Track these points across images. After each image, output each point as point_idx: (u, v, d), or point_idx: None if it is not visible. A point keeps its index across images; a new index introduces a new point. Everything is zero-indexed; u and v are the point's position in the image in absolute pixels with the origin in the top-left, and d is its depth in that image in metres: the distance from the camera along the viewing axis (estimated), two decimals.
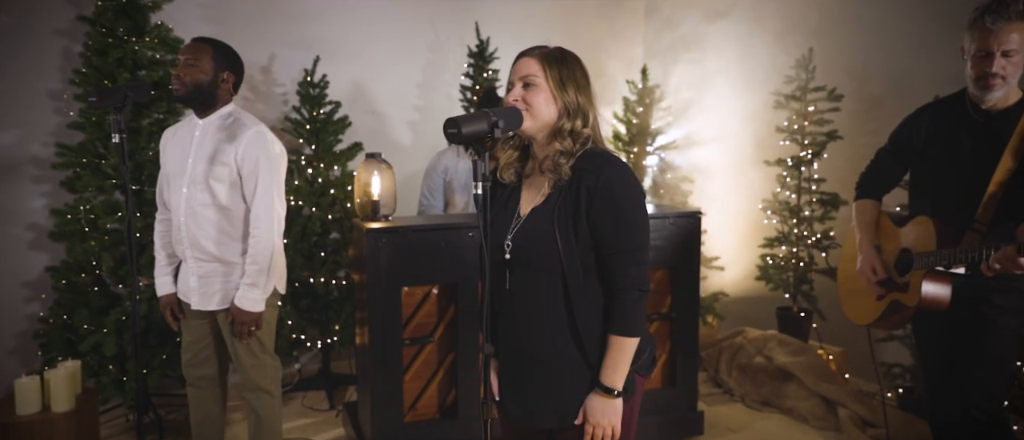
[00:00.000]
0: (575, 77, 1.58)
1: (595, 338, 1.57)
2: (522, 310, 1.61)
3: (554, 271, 1.54)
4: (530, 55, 1.59)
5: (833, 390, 3.48)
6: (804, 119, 3.89)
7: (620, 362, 1.55)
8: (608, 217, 1.52)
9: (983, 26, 2.04)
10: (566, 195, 1.54)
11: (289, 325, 3.70)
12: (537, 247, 1.55)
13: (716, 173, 4.50)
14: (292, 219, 3.71)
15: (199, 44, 2.39)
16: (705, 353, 4.16)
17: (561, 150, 1.55)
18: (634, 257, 1.54)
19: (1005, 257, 1.90)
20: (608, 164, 1.54)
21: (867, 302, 2.46)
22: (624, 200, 1.52)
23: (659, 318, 3.25)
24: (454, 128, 1.38)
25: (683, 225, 3.21)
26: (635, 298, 1.54)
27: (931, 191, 2.30)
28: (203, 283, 2.41)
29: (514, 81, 1.58)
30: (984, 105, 2.14)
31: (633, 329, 1.55)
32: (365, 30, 4.21)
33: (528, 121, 1.55)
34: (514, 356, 1.66)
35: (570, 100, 1.56)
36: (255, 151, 2.35)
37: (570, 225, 1.53)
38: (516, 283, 1.61)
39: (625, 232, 1.52)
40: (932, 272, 2.17)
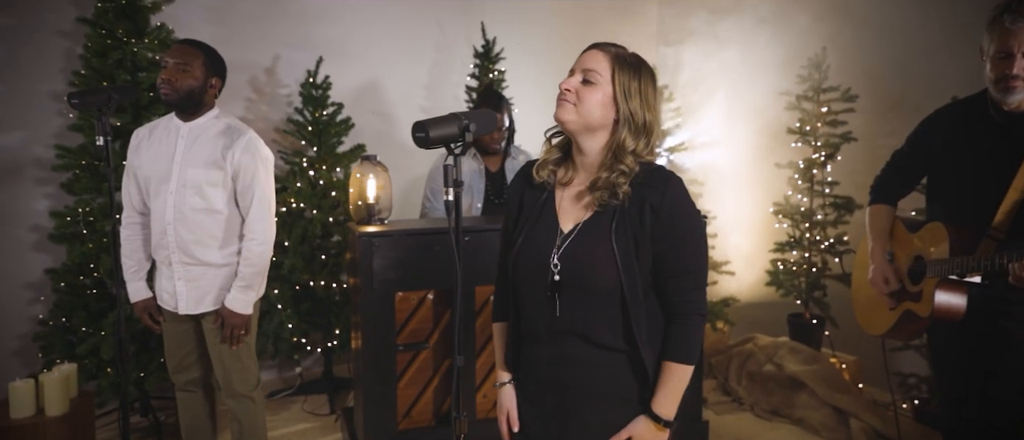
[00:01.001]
0: (645, 92, 1.45)
1: (654, 369, 1.45)
2: (572, 338, 1.47)
3: (613, 295, 1.41)
4: (602, 50, 1.46)
5: (846, 400, 3.36)
6: (817, 120, 3.78)
7: (676, 390, 1.44)
8: (673, 239, 1.41)
9: (1003, 26, 1.93)
10: (625, 213, 1.42)
11: (290, 329, 3.67)
12: (594, 269, 1.42)
13: (727, 175, 4.39)
14: (293, 222, 3.69)
15: (190, 49, 2.36)
16: (715, 360, 4.06)
17: (623, 169, 1.41)
18: (697, 281, 1.45)
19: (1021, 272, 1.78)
20: (670, 181, 1.43)
21: (880, 312, 2.36)
22: (689, 221, 1.43)
23: None
24: (421, 132, 1.32)
25: None
26: (696, 323, 1.44)
27: (947, 196, 2.20)
28: (192, 287, 2.38)
29: (575, 70, 1.46)
30: (1006, 107, 2.03)
31: (692, 355, 1.44)
32: (371, 30, 4.18)
33: (570, 114, 1.43)
34: (554, 387, 1.50)
35: (636, 114, 1.42)
36: (251, 158, 2.35)
37: (632, 246, 1.40)
38: (565, 307, 1.46)
39: (690, 255, 1.43)
40: (946, 281, 2.07)
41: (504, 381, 1.61)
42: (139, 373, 3.16)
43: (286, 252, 3.67)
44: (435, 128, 1.33)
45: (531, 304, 1.49)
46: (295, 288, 3.71)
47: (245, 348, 2.45)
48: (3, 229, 3.44)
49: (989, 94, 2.08)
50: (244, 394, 2.47)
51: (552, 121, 1.50)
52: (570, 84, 1.45)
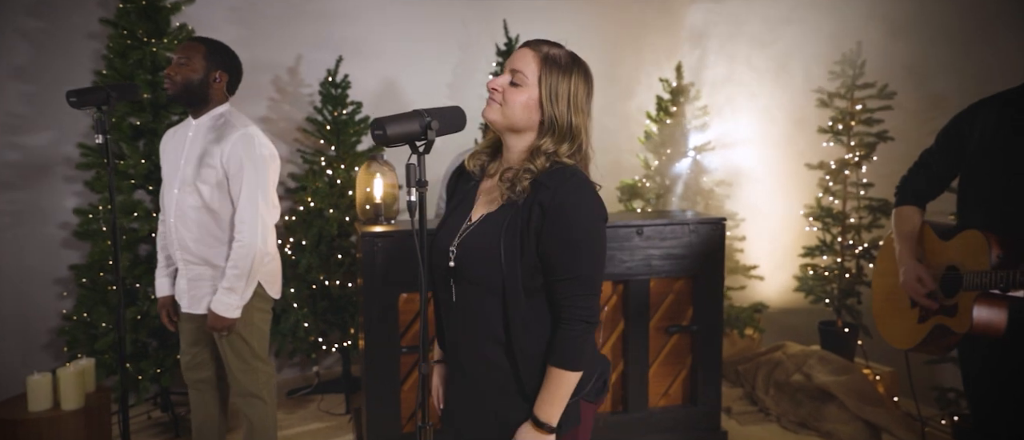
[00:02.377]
0: (574, 94, 1.41)
1: (534, 365, 1.43)
2: (462, 325, 1.48)
3: (495, 290, 1.41)
4: (533, 49, 1.43)
5: (878, 414, 3.18)
6: (851, 119, 3.59)
7: (557, 396, 1.42)
8: (558, 241, 1.37)
9: None
10: (518, 210, 1.40)
11: (306, 328, 3.69)
12: (479, 261, 1.42)
13: (756, 176, 4.22)
14: (310, 221, 3.71)
15: (192, 43, 2.37)
16: (742, 368, 3.90)
17: (531, 168, 1.40)
18: (583, 287, 1.39)
19: None
20: (568, 181, 1.38)
21: (907, 325, 2.18)
22: (577, 224, 1.36)
23: (679, 331, 3.05)
24: (379, 130, 1.27)
25: (705, 233, 3.00)
26: (579, 331, 1.40)
27: (985, 200, 2.00)
28: (193, 286, 2.39)
29: (506, 69, 1.45)
30: None
31: (575, 363, 1.40)
32: (395, 30, 4.17)
33: (495, 114, 1.42)
34: (457, 371, 1.55)
35: (560, 117, 1.40)
36: (240, 152, 2.31)
37: (518, 243, 1.38)
38: (460, 295, 1.47)
39: (575, 259, 1.37)
40: (986, 295, 1.89)
41: (435, 360, 1.65)
42: (156, 369, 3.21)
43: (303, 251, 3.69)
44: (394, 125, 1.28)
45: (439, 288, 1.52)
46: (312, 287, 3.72)
47: (249, 349, 2.45)
48: (35, 226, 3.55)
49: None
50: (252, 393, 2.47)
51: None
52: (498, 83, 1.43)
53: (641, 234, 2.94)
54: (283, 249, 3.82)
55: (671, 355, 3.08)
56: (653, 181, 4.07)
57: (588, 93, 1.45)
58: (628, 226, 2.93)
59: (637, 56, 4.50)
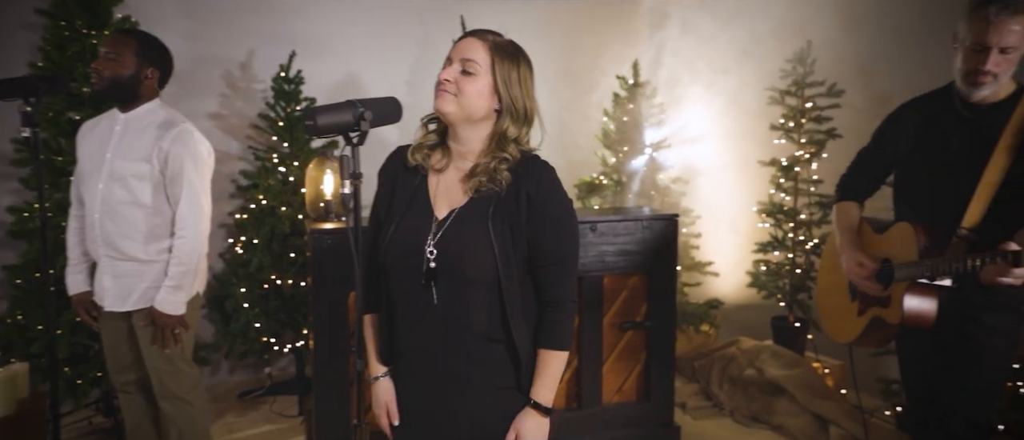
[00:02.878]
0: (524, 80, 1.45)
1: (529, 354, 1.47)
2: (445, 329, 1.44)
3: (489, 284, 1.41)
4: (480, 38, 1.44)
5: (826, 407, 3.23)
6: (801, 116, 3.65)
7: (554, 377, 1.47)
8: (548, 227, 1.43)
9: (985, 18, 1.80)
10: (502, 201, 1.42)
11: (258, 328, 3.60)
12: (470, 257, 1.40)
13: (712, 174, 4.26)
14: (262, 219, 3.63)
15: (122, 37, 2.30)
16: (698, 364, 3.94)
17: (506, 157, 1.42)
18: (569, 269, 1.47)
19: (999, 272, 1.66)
20: (545, 171, 1.45)
21: (848, 318, 2.24)
22: (561, 207, 1.46)
23: (633, 327, 3.05)
24: (310, 120, 1.24)
25: (659, 229, 3.02)
26: (570, 311, 1.47)
27: (915, 195, 2.08)
28: (118, 283, 2.31)
29: (453, 59, 1.43)
30: (972, 100, 1.91)
31: (565, 341, 1.47)
32: (351, 26, 4.10)
33: (451, 105, 1.41)
34: (431, 378, 1.49)
35: (517, 102, 1.43)
36: (181, 149, 2.25)
37: (509, 234, 1.41)
38: (443, 297, 1.43)
39: (563, 243, 1.45)
40: (915, 285, 1.94)
41: (379, 375, 1.57)
42: (97, 372, 3.10)
43: (255, 250, 3.60)
44: (325, 115, 1.24)
45: (405, 293, 1.46)
46: (263, 287, 3.64)
47: (178, 350, 2.37)
48: None
49: (956, 87, 1.96)
50: (179, 397, 2.39)
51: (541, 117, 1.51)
52: (449, 74, 1.41)
53: (595, 230, 2.94)
54: (234, 248, 3.74)
55: (625, 351, 3.09)
56: (610, 178, 4.08)
57: (532, 82, 1.48)
58: (582, 222, 2.92)
59: (595, 53, 4.50)
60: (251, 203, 3.67)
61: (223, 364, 3.98)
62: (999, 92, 1.90)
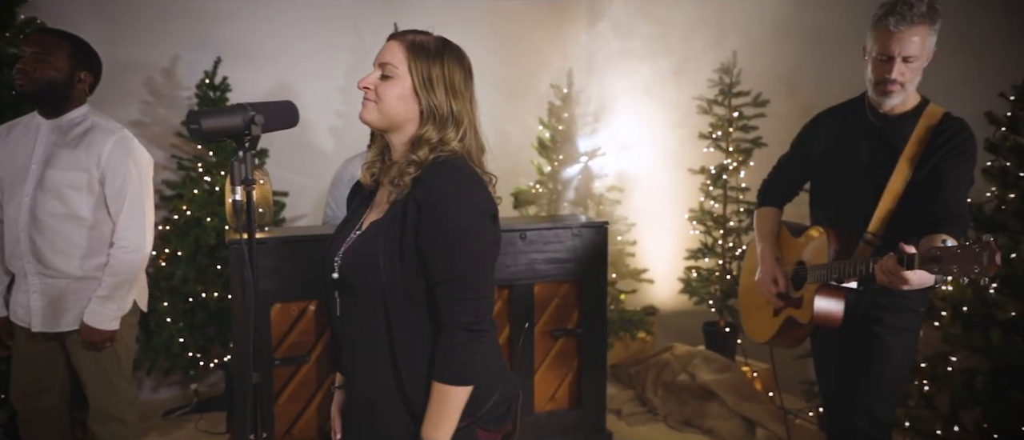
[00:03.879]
0: (450, 78, 1.35)
1: (422, 382, 1.33)
2: (348, 340, 1.40)
3: (377, 299, 1.32)
4: (398, 39, 1.37)
5: (754, 409, 3.30)
6: (729, 125, 3.74)
7: (444, 414, 1.30)
8: (436, 238, 1.28)
9: (886, 28, 1.88)
10: (399, 211, 1.33)
11: (182, 343, 3.48)
12: (360, 269, 1.33)
13: (646, 182, 4.33)
14: (187, 230, 3.51)
15: (53, 38, 2.18)
16: (634, 371, 3.98)
17: (414, 160, 1.33)
18: (465, 290, 1.29)
19: (885, 269, 1.72)
20: (446, 174, 1.30)
21: (764, 318, 2.30)
22: (455, 220, 1.28)
23: (564, 334, 3.06)
24: (194, 123, 1.19)
25: (589, 237, 3.03)
26: (462, 340, 1.29)
27: (828, 200, 2.17)
28: (50, 302, 2.17)
29: (374, 65, 1.37)
30: (882, 110, 1.99)
31: (459, 376, 1.30)
32: (281, 31, 4.01)
33: (372, 114, 1.35)
34: (351, 394, 1.45)
35: (438, 104, 1.33)
36: (122, 158, 2.16)
37: (397, 245, 1.30)
38: (344, 308, 1.39)
39: (454, 258, 1.28)
40: (825, 287, 2.02)
41: (337, 385, 1.54)
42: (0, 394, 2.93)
43: (179, 262, 3.48)
44: (211, 119, 1.20)
45: (327, 303, 1.44)
46: (188, 300, 3.51)
47: (116, 366, 2.26)
48: None
49: (867, 96, 2.04)
50: (116, 417, 2.27)
51: None
52: (368, 81, 1.36)
53: (524, 239, 2.94)
54: (157, 261, 3.60)
55: (557, 359, 3.09)
56: (546, 186, 4.10)
57: (465, 77, 1.38)
58: (511, 230, 2.92)
59: (532, 62, 4.53)
60: (175, 214, 3.55)
61: (147, 381, 3.83)
62: (906, 102, 1.98)
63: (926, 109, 1.96)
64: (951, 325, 2.48)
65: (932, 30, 1.87)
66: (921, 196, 1.90)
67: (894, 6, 1.87)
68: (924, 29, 1.85)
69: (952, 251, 1.55)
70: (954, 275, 1.54)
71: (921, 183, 1.91)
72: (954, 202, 1.85)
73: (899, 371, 2.01)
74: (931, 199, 1.87)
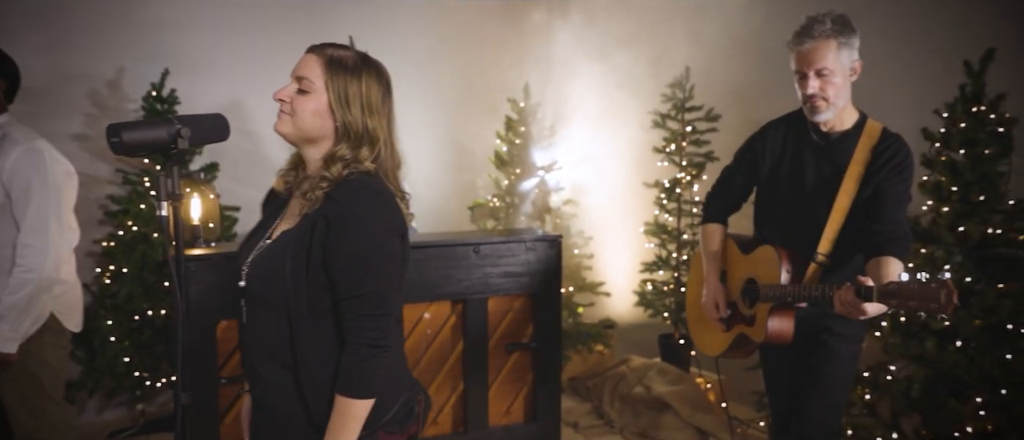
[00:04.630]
0: (367, 96, 1.35)
1: (324, 394, 1.35)
2: (254, 350, 1.41)
3: (281, 310, 1.33)
4: (316, 53, 1.37)
5: (707, 420, 3.34)
6: (682, 139, 3.80)
7: (345, 427, 1.32)
8: (344, 255, 1.30)
9: (796, 47, 1.96)
10: (308, 225, 1.34)
11: (128, 363, 3.37)
12: (267, 280, 1.35)
13: (603, 195, 4.37)
14: (133, 247, 3.42)
15: None
16: (591, 383, 3.99)
17: (327, 176, 1.33)
18: (370, 307, 1.31)
19: (845, 301, 1.74)
20: (356, 192, 1.32)
21: (715, 333, 2.32)
22: (363, 237, 1.30)
23: (519, 349, 3.05)
24: (114, 136, 1.16)
25: (543, 251, 3.03)
26: (364, 356, 1.31)
27: (777, 219, 2.18)
28: None
29: (291, 77, 1.37)
30: (823, 128, 2.03)
31: (361, 389, 1.32)
32: (234, 43, 3.95)
33: (286, 126, 1.35)
34: (256, 397, 1.46)
35: (353, 122, 1.34)
36: (26, 170, 2.08)
37: (304, 258, 1.31)
38: (250, 317, 1.40)
39: (360, 276, 1.30)
40: (778, 307, 2.03)
41: (244, 389, 1.54)
42: None
43: (124, 279, 3.39)
44: (133, 132, 1.17)
45: (238, 312, 1.43)
46: (133, 318, 3.41)
47: (37, 389, 2.17)
48: None
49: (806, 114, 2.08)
50: None
51: (431, 140, 1.44)
52: (284, 93, 1.36)
53: (478, 253, 2.93)
54: (101, 278, 3.49)
55: (512, 373, 3.08)
56: (503, 201, 4.10)
57: (383, 94, 1.39)
58: (464, 244, 2.90)
59: (489, 75, 4.54)
60: (120, 230, 3.46)
61: (91, 403, 3.69)
62: (844, 120, 2.02)
63: (866, 126, 2.00)
64: (891, 335, 2.55)
65: (841, 44, 1.91)
66: (865, 215, 1.94)
67: (801, 25, 1.95)
68: (831, 43, 1.90)
69: (910, 287, 1.57)
70: (911, 309, 1.57)
71: (865, 202, 1.94)
72: (897, 222, 1.89)
73: (847, 378, 2.05)
74: (876, 219, 1.90)
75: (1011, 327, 2.36)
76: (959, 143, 2.50)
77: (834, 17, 1.91)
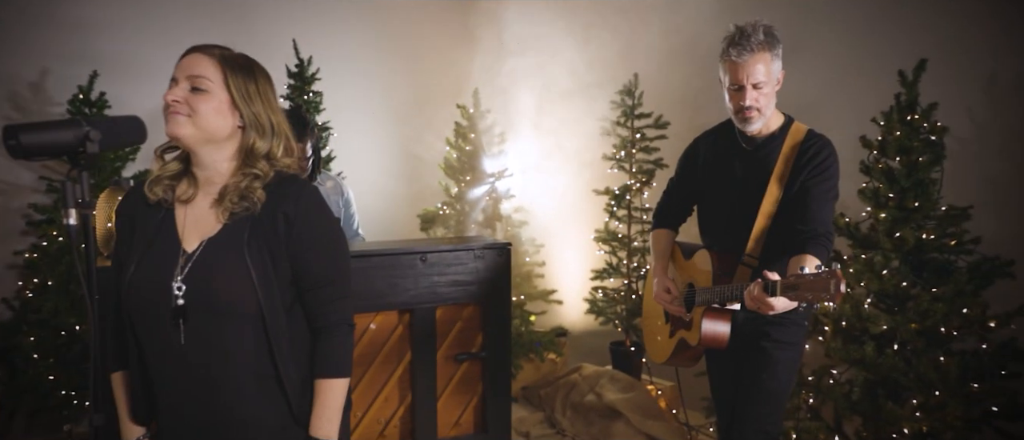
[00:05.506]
0: (264, 93, 1.37)
1: (303, 387, 1.37)
2: (199, 372, 1.31)
3: (250, 316, 1.29)
4: (206, 53, 1.34)
5: (658, 427, 3.34)
6: (632, 147, 3.81)
7: (335, 409, 1.39)
8: (313, 248, 1.35)
9: (730, 60, 1.95)
10: (258, 224, 1.31)
11: (53, 381, 3.18)
12: (225, 287, 1.28)
13: (554, 202, 4.35)
14: (58, 258, 3.23)
15: None
16: (543, 392, 3.95)
17: (256, 174, 1.32)
18: (340, 289, 1.39)
19: (753, 297, 1.76)
20: (305, 187, 1.38)
21: (661, 340, 2.32)
22: (328, 228, 1.39)
23: (469, 358, 2.98)
24: (12, 139, 1.07)
25: (491, 259, 2.98)
26: (345, 334, 1.39)
27: (711, 223, 2.22)
28: None
29: (178, 78, 1.32)
30: (749, 133, 2.05)
31: (344, 368, 1.39)
32: (167, 46, 3.75)
33: (186, 128, 1.29)
34: (200, 428, 1.34)
35: (260, 117, 1.34)
36: None
37: (268, 258, 1.31)
38: (192, 336, 1.30)
39: (332, 263, 1.38)
40: (710, 310, 2.04)
41: (136, 438, 1.42)
42: None
43: (48, 292, 3.20)
44: (33, 134, 1.08)
45: (153, 337, 1.32)
46: (59, 333, 3.22)
47: None
48: None
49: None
50: None
51: (380, 148, 1.41)
52: (177, 95, 1.31)
53: (425, 261, 2.86)
54: (22, 291, 3.29)
55: (461, 383, 3.01)
56: (453, 208, 4.04)
57: (274, 95, 1.41)
58: (411, 253, 2.83)
59: (438, 82, 4.49)
60: (44, 240, 3.27)
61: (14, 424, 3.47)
62: (770, 124, 2.04)
63: (791, 127, 2.03)
64: (832, 339, 2.58)
65: (773, 56, 1.94)
66: (790, 215, 1.96)
67: (734, 38, 1.94)
68: (765, 55, 1.92)
69: (806, 279, 1.60)
70: (809, 301, 1.59)
71: (790, 202, 1.97)
72: (820, 221, 1.91)
73: (786, 384, 2.06)
74: (800, 219, 1.92)
75: (944, 330, 2.42)
76: (895, 151, 2.56)
77: (764, 28, 1.92)
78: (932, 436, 2.40)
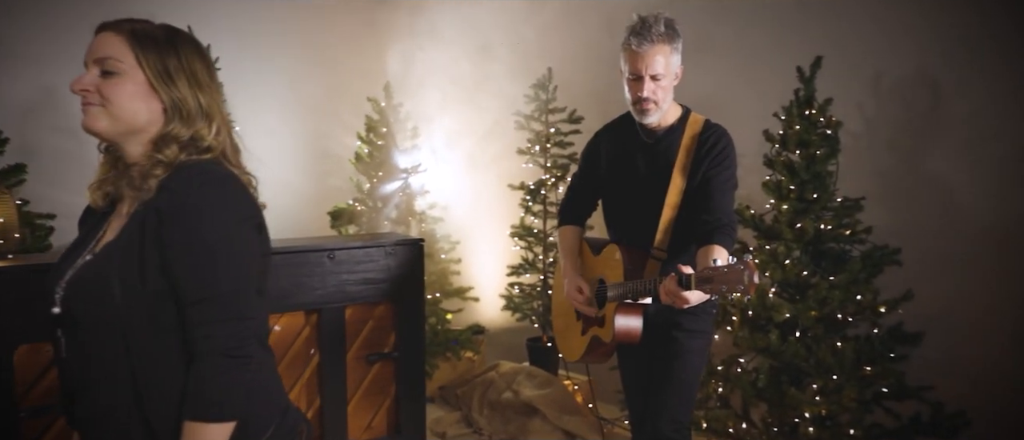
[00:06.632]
0: (190, 69, 1.18)
1: (175, 426, 1.14)
2: (79, 386, 1.17)
3: (113, 331, 1.11)
4: (114, 31, 1.16)
5: (574, 422, 3.35)
6: (546, 141, 3.81)
7: None
8: (187, 251, 1.11)
9: (630, 49, 1.94)
10: (134, 223, 1.14)
11: None
12: (88, 298, 1.12)
13: (469, 198, 4.30)
14: None
15: None
16: (460, 391, 3.89)
17: (161, 159, 1.14)
18: (222, 311, 1.12)
19: (668, 291, 1.76)
20: (198, 177, 1.14)
21: (574, 338, 2.30)
22: (207, 229, 1.11)
23: (381, 359, 2.89)
24: None
25: (404, 255, 2.89)
26: (221, 368, 1.11)
27: (617, 218, 2.22)
28: None
29: (87, 63, 1.16)
30: (648, 126, 2.06)
31: (214, 411, 1.11)
32: (51, 28, 3.48)
33: (101, 121, 1.14)
34: None
35: (183, 98, 1.16)
36: None
37: (136, 263, 1.11)
38: (72, 347, 1.16)
39: (208, 274, 1.11)
40: (622, 305, 2.03)
41: None
42: None
43: None
44: None
45: (54, 347, 1.19)
46: None
47: None
48: None
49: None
50: None
51: (288, 143, 1.22)
52: (85, 83, 1.14)
53: (333, 258, 2.74)
54: None
55: (373, 385, 2.91)
56: (366, 204, 3.92)
57: (207, 68, 1.22)
58: (318, 250, 2.71)
59: (349, 75, 4.34)
60: None
61: None
62: (668, 117, 2.05)
63: (689, 118, 2.06)
64: (740, 329, 2.66)
65: (673, 49, 1.95)
66: (694, 206, 1.98)
67: (635, 27, 1.95)
68: (665, 48, 1.93)
69: (721, 271, 1.61)
70: (723, 294, 1.61)
71: (693, 193, 1.99)
72: (723, 211, 1.94)
73: (696, 372, 2.08)
74: (704, 209, 1.95)
75: (840, 317, 2.53)
76: (795, 144, 2.66)
77: (666, 21, 1.93)
78: (830, 418, 2.51)
